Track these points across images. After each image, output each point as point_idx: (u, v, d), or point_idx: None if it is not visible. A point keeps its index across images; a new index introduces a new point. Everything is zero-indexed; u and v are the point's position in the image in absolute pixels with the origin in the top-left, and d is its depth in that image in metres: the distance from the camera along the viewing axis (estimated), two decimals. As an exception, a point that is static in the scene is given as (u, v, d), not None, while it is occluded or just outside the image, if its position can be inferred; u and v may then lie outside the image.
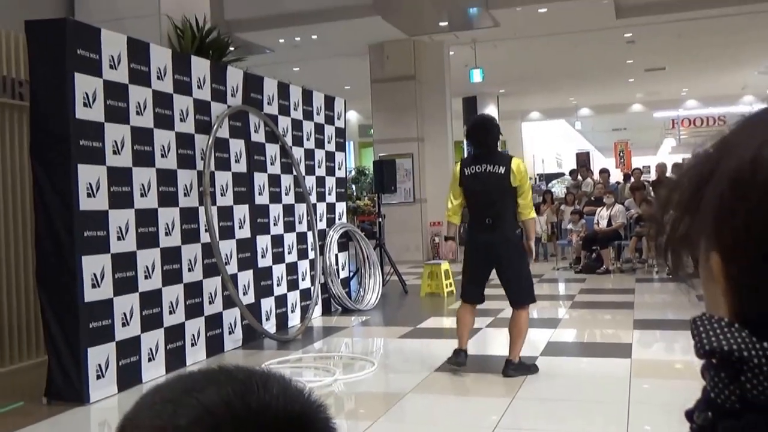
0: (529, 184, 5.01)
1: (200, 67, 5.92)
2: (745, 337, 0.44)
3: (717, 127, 25.45)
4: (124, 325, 4.88)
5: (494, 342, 6.54)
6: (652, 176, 17.10)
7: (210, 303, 5.84)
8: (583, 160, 22.98)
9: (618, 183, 14.31)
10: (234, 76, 6.39)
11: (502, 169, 4.81)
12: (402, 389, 4.63)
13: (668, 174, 13.02)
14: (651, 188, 12.46)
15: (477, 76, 13.08)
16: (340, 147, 8.31)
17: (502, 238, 4.82)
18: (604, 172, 13.95)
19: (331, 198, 8.03)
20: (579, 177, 15.39)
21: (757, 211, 0.43)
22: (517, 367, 4.83)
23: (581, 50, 14.05)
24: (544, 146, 27.01)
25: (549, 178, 20.46)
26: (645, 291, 8.96)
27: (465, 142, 18.98)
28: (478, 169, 4.87)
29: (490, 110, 19.21)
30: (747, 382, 0.44)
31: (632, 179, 13.33)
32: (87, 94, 4.67)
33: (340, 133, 8.32)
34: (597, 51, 14.38)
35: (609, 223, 10.80)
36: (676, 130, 26.00)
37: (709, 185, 0.47)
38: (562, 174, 21.08)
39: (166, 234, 5.37)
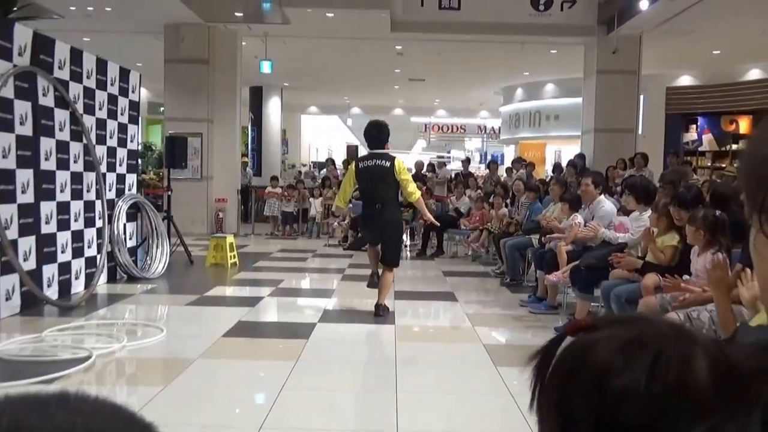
0: (409, 176, 5.73)
1: (-15, 21, 5.02)
2: None
3: (459, 134, 27.51)
4: None
5: (274, 310, 6.41)
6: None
7: (-14, 268, 5.00)
8: (352, 151, 23.54)
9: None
10: (22, 35, 5.51)
11: (387, 164, 5.52)
12: (191, 355, 4.31)
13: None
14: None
15: (266, 67, 12.73)
16: (134, 120, 7.58)
17: (389, 220, 5.60)
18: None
19: (122, 169, 7.30)
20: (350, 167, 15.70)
21: None
22: (383, 310, 5.68)
23: (359, 56, 14.29)
24: (319, 137, 27.23)
25: (321, 165, 20.56)
26: (401, 267, 9.29)
27: (250, 127, 18.53)
28: (370, 163, 5.58)
29: (274, 101, 18.90)
30: None
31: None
32: None
33: (134, 106, 7.58)
34: (372, 58, 14.71)
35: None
36: (427, 134, 27.65)
37: None
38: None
39: (-62, 194, 4.49)
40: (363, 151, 30.13)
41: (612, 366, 0.56)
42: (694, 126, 15.91)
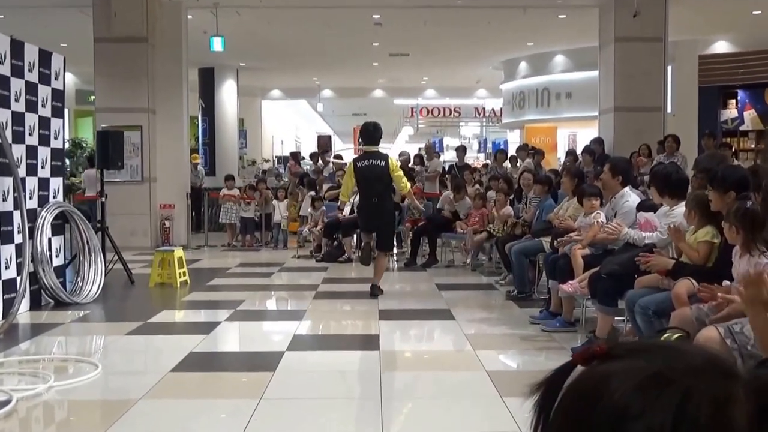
0: (401, 173, 7.75)
1: None
2: None
3: (452, 118, 27.62)
4: None
5: (234, 337, 6.41)
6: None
7: None
8: (324, 143, 23.53)
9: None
10: None
11: (382, 163, 7.47)
12: (132, 395, 4.30)
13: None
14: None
15: (218, 44, 12.73)
16: (58, 112, 7.56)
17: (384, 211, 7.62)
18: (338, 157, 14.44)
19: (44, 172, 7.28)
20: (320, 162, 15.64)
21: None
22: (378, 289, 7.53)
23: (329, 27, 14.32)
24: (284, 127, 27.24)
25: (286, 160, 20.43)
26: (386, 280, 9.30)
27: (200, 117, 18.50)
28: (366, 163, 7.49)
29: (229, 85, 18.89)
30: None
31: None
32: None
33: (58, 95, 7.56)
34: (345, 30, 14.75)
35: (352, 211, 11.12)
36: (414, 119, 27.72)
37: None
38: (302, 158, 21.28)
39: None
40: (337, 141, 30.27)
41: (630, 407, 0.56)
42: (734, 101, 16.10)
